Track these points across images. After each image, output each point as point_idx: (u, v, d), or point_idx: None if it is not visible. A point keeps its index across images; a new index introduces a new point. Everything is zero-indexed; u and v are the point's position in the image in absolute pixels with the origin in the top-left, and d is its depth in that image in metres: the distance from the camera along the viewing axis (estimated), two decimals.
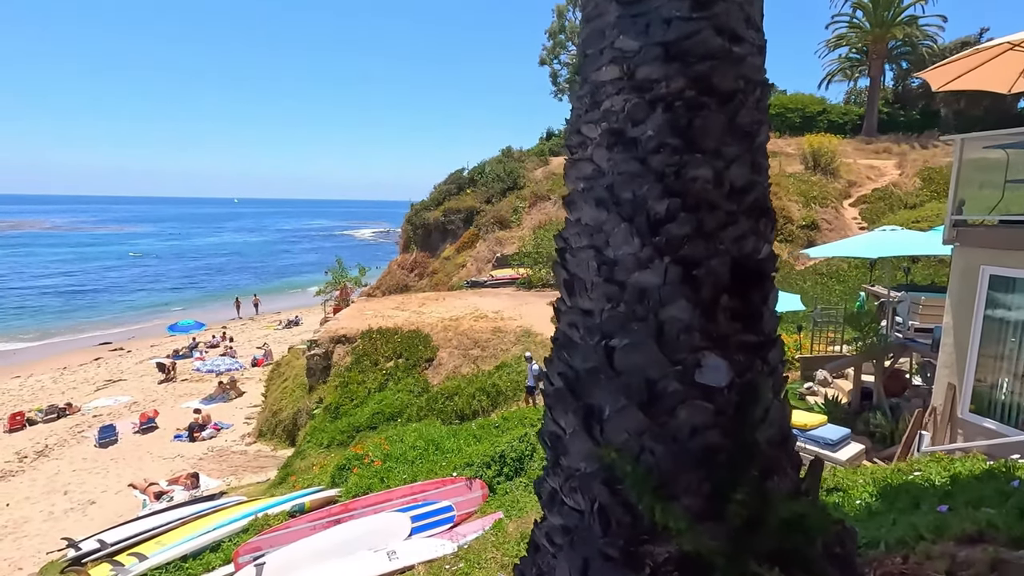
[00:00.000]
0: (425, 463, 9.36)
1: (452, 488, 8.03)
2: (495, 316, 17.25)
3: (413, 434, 10.49)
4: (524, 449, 8.88)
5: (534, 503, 7.71)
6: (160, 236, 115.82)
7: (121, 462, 16.88)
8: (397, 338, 16.28)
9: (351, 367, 15.83)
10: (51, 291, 52.06)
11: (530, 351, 13.99)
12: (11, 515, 13.96)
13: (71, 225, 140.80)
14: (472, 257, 27.20)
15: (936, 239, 7.90)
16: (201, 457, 16.72)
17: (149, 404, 21.88)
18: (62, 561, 9.98)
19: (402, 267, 30.32)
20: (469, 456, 9.16)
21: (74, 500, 14.63)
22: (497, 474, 8.49)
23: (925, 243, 9.37)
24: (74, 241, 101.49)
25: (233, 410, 21.00)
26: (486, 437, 10.26)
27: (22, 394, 24.35)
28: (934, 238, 8.67)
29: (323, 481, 9.99)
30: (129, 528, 10.11)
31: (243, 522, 7.92)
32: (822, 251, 14.23)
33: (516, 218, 27.84)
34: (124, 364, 29.05)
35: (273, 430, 17.54)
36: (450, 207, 30.31)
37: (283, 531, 7.21)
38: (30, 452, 17.97)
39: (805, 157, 28.51)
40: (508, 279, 23.52)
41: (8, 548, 12.44)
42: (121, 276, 61.71)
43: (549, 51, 45.42)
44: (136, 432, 19.01)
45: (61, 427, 20.04)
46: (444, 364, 15.30)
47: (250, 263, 77.00)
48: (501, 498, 8.18)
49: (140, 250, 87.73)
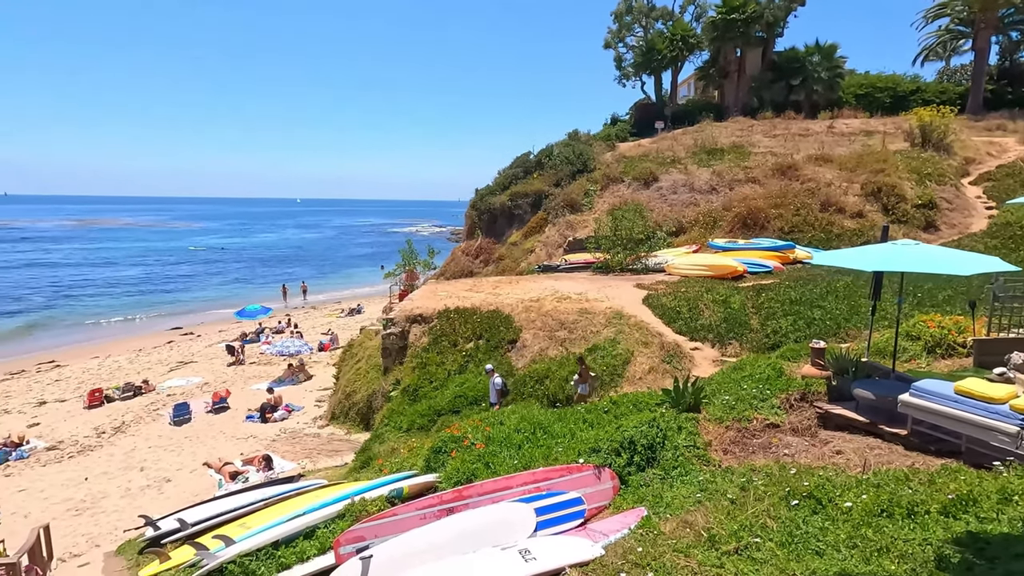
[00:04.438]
0: (533, 448, 8.12)
1: (578, 477, 6.73)
2: (579, 297, 15.86)
3: (514, 416, 9.28)
4: (655, 436, 7.49)
5: (680, 499, 6.31)
6: (226, 232, 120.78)
7: (195, 440, 16.55)
8: (476, 318, 15.15)
9: (429, 348, 14.82)
10: (126, 280, 54.49)
11: (491, 365, 12.73)
12: (89, 489, 13.71)
13: (146, 222, 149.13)
14: (541, 242, 25.88)
15: None
16: (274, 439, 16.16)
17: (220, 385, 21.74)
18: (140, 540, 9.34)
19: (467, 253, 29.36)
20: (584, 442, 7.85)
21: (150, 477, 14.28)
22: (627, 463, 7.13)
23: None
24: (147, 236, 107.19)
25: (303, 393, 20.53)
26: (597, 422, 8.93)
27: (100, 373, 24.85)
28: None
29: (416, 465, 8.92)
30: (208, 508, 9.38)
31: (337, 507, 6.90)
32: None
33: (588, 201, 26.33)
34: (194, 347, 29.42)
35: (346, 413, 16.80)
36: (517, 191, 29.10)
37: (387, 519, 6.11)
38: (108, 428, 17.97)
39: (911, 133, 25.68)
40: (583, 263, 22.07)
41: (86, 523, 12.06)
42: (191, 267, 64.17)
43: (614, 34, 43.47)
44: (209, 411, 18.77)
45: (137, 405, 20.09)
46: (529, 346, 14.04)
47: (309, 256, 78.82)
48: (636, 491, 6.83)
49: (207, 245, 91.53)
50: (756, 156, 26.01)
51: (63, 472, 14.81)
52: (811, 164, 23.72)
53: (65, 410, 19.96)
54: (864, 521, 4.22)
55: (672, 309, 14.48)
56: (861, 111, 33.12)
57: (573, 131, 33.44)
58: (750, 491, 5.67)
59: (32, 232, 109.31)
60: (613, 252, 20.48)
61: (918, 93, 34.58)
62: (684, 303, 14.62)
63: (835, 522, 4.41)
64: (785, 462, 6.54)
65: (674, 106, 39.94)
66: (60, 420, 18.90)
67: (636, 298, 15.67)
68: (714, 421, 8.04)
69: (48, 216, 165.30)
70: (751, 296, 14.73)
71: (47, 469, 15.09)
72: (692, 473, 6.93)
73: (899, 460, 6.24)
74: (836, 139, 27.43)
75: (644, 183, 25.63)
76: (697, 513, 5.44)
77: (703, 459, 7.26)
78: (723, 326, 13.59)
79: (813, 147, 25.87)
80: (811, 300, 13.63)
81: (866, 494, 4.69)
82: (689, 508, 5.88)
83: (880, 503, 4.40)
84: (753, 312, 14.15)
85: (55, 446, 16.62)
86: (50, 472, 14.88)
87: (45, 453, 16.13)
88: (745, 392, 8.47)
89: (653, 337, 13.23)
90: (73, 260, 67.61)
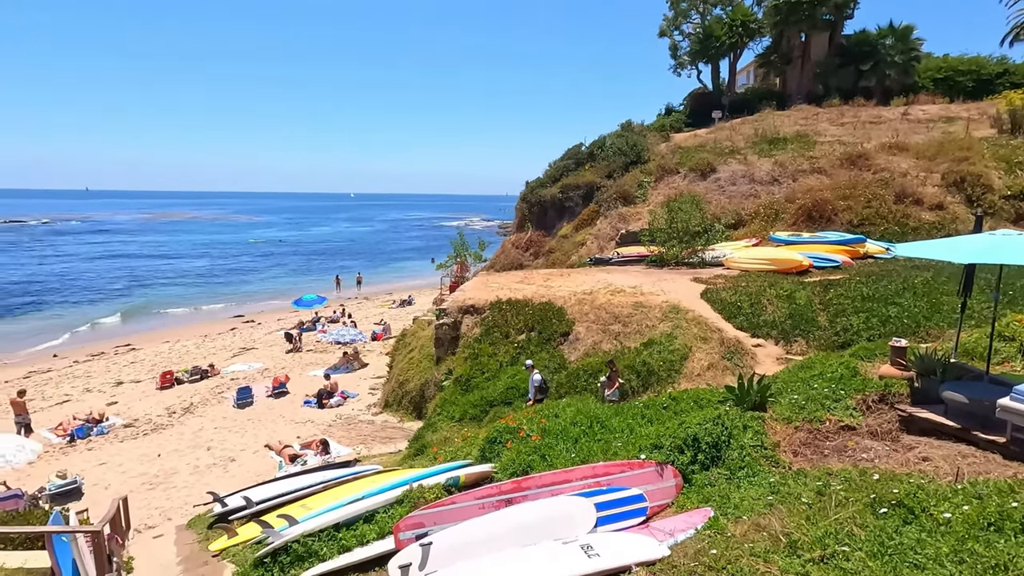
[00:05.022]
0: (591, 442, 7.94)
1: (639, 474, 6.52)
2: (633, 291, 15.50)
3: (570, 409, 9.12)
4: (720, 434, 7.17)
5: (749, 500, 6.01)
6: (283, 226, 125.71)
7: (257, 423, 17.26)
8: (528, 310, 15.06)
9: (481, 339, 14.84)
10: (193, 271, 57.59)
11: (531, 361, 12.75)
12: (162, 465, 14.50)
13: (210, 216, 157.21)
14: (592, 235, 25.49)
15: None
16: (330, 424, 16.64)
17: (279, 371, 22.58)
18: (208, 516, 9.76)
19: (516, 246, 29.28)
20: (644, 437, 7.61)
21: (216, 456, 14.97)
22: (691, 461, 6.86)
23: None
24: (211, 229, 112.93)
25: (357, 380, 21.07)
26: (657, 418, 8.66)
27: (171, 357, 26.31)
28: None
29: (470, 455, 8.92)
30: (271, 488, 9.70)
31: (395, 493, 6.95)
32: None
33: (641, 193, 25.72)
34: (255, 334, 30.71)
35: (399, 401, 17.10)
36: (568, 183, 28.75)
37: (446, 507, 6.09)
38: (178, 408, 18.99)
39: (998, 119, 23.72)
40: (636, 256, 21.60)
41: (159, 497, 12.76)
42: (251, 259, 67.15)
43: (669, 21, 42.21)
44: (269, 396, 19.53)
45: (204, 387, 21.14)
46: (582, 339, 13.84)
47: (361, 249, 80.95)
48: (700, 490, 6.56)
49: (265, 237, 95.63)
50: (822, 145, 24.70)
51: (138, 448, 15.75)
52: (884, 153, 22.30)
53: (140, 390, 21.23)
54: (969, 535, 3.84)
55: (732, 304, 13.92)
56: (940, 96, 30.91)
57: (626, 122, 32.75)
58: (828, 496, 5.33)
59: (110, 225, 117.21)
60: (668, 245, 19.92)
61: (1005, 76, 31.93)
62: (745, 298, 14.04)
63: (933, 534, 4.05)
64: (865, 467, 6.13)
65: (732, 95, 38.48)
66: (135, 399, 20.12)
67: (693, 292, 15.18)
68: (782, 421, 7.65)
69: (123, 210, 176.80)
70: (818, 292, 13.98)
71: (124, 445, 16.08)
72: (760, 474, 6.61)
73: (997, 470, 5.72)
74: (912, 126, 25.68)
75: (701, 174, 24.80)
76: (771, 516, 5.15)
77: (771, 460, 6.91)
78: (788, 322, 12.95)
79: (886, 135, 24.31)
80: (886, 297, 12.79)
81: (967, 505, 4.28)
82: (760, 511, 5.58)
83: (987, 516, 4.01)
84: (820, 308, 13.43)
85: (131, 423, 17.71)
86: (127, 447, 15.85)
87: (122, 430, 17.19)
88: (816, 392, 8.02)
89: (712, 332, 12.77)
90: (146, 252, 71.98)
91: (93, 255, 66.64)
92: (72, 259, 63.40)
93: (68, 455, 15.43)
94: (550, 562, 5.08)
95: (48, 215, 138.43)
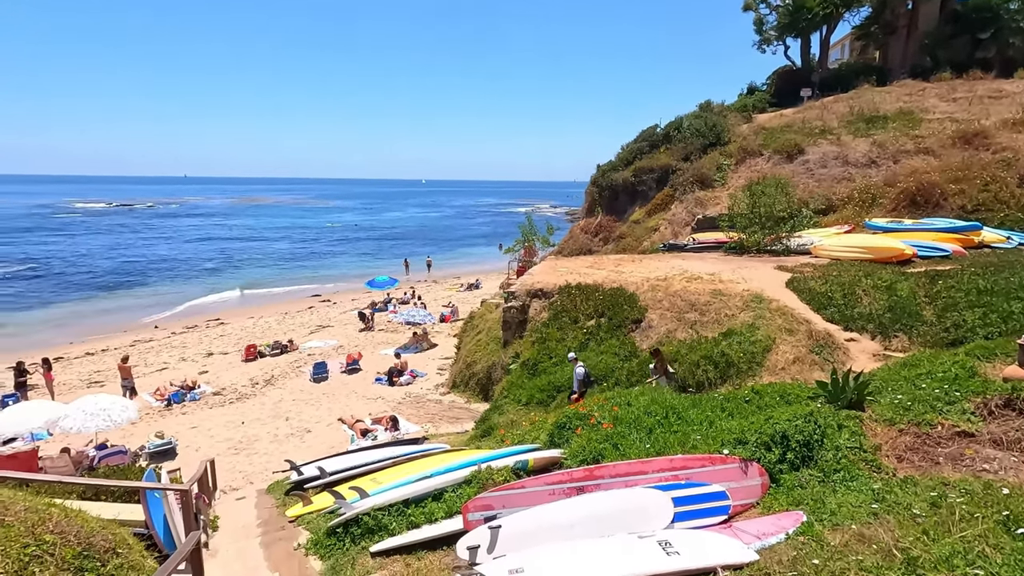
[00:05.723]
0: (666, 433, 7.54)
1: (721, 469, 6.08)
2: (711, 278, 14.70)
3: (643, 398, 8.73)
4: (812, 432, 6.57)
5: (848, 507, 5.44)
6: (358, 211, 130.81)
7: (331, 397, 17.98)
8: (599, 295, 14.64)
9: (549, 323, 14.61)
10: (275, 252, 61.09)
11: (574, 354, 12.43)
12: (245, 432, 15.40)
13: (291, 200, 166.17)
14: (666, 220, 24.50)
15: None
16: (400, 401, 17.05)
17: (352, 348, 23.44)
18: (285, 482, 10.19)
19: (585, 231, 28.69)
20: (726, 431, 7.11)
21: (294, 426, 15.72)
22: (779, 459, 6.32)
23: None
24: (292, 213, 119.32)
25: (426, 360, 21.50)
26: (738, 412, 8.10)
27: (255, 331, 27.96)
28: None
29: (538, 439, 8.75)
30: (343, 460, 9.98)
31: (463, 472, 6.89)
32: None
33: (720, 176, 24.39)
34: (331, 313, 32.07)
35: (466, 382, 17.25)
36: (641, 166, 27.74)
37: (515, 491, 5.95)
38: (260, 380, 20.12)
39: None
40: (713, 243, 20.54)
41: (243, 462, 13.55)
42: (328, 242, 70.30)
43: None
44: (343, 372, 20.30)
45: (283, 361, 22.29)
46: (655, 327, 13.28)
47: (431, 234, 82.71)
48: (789, 492, 6.03)
49: (342, 221, 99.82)
50: (929, 123, 22.35)
51: (225, 415, 16.82)
52: (1006, 131, 19.86)
53: (227, 361, 22.70)
54: None
55: (822, 294, 12.88)
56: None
57: (705, 102, 31.10)
58: (946, 509, 4.71)
59: (204, 208, 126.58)
60: (749, 231, 18.77)
61: None
62: (837, 288, 12.94)
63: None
64: (990, 480, 5.39)
65: (824, 71, 35.62)
66: (223, 369, 21.53)
67: (778, 281, 14.19)
68: (882, 422, 6.93)
69: (216, 195, 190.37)
70: (924, 283, 12.65)
71: (213, 411, 17.22)
72: (859, 479, 6.00)
73: None
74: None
75: (787, 156, 23.16)
76: (878, 527, 4.61)
77: (872, 464, 6.26)
78: (887, 316, 11.81)
79: (1009, 111, 21.62)
80: (1007, 291, 11.35)
81: None
82: (863, 519, 5.03)
83: None
84: (926, 302, 12.15)
85: (219, 392, 18.95)
86: (215, 414, 16.97)
87: (212, 397, 18.44)
88: (924, 392, 7.20)
89: (799, 324, 11.86)
90: (235, 234, 76.99)
91: (190, 237, 72.07)
92: (172, 240, 68.95)
93: (165, 418, 16.73)
94: (624, 555, 4.80)
95: (152, 199, 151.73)
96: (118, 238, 69.26)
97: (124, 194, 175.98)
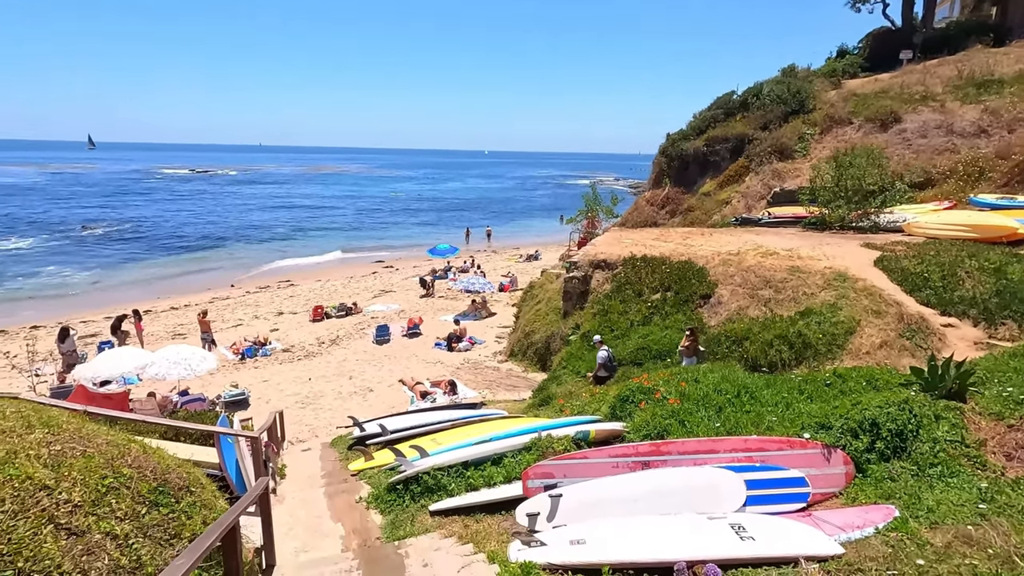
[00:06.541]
0: (738, 413, 7.12)
1: (800, 454, 5.65)
2: (788, 254, 13.75)
3: (712, 375, 8.29)
4: (906, 421, 5.99)
5: (949, 505, 4.92)
6: (422, 180, 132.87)
7: (392, 359, 18.43)
8: (665, 268, 14.05)
9: (611, 295, 14.20)
10: (341, 218, 63.16)
11: (599, 336, 12.32)
12: (312, 388, 16.05)
13: (357, 169, 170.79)
14: (740, 192, 23.15)
15: None
16: (458, 367, 17.24)
17: (413, 313, 23.90)
18: (348, 437, 10.51)
19: (651, 203, 27.64)
20: (806, 415, 6.62)
21: (356, 385, 16.24)
22: (867, 448, 5.81)
23: None
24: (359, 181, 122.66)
25: (485, 328, 21.62)
26: (818, 395, 7.54)
27: (322, 293, 29.05)
28: None
29: (599, 411, 8.53)
30: (404, 419, 10.17)
31: (523, 439, 6.80)
32: None
33: (802, 147, 22.68)
34: (394, 279, 32.81)
35: (524, 351, 17.19)
36: (715, 135, 26.20)
37: (577, 461, 5.79)
38: (326, 339, 20.90)
39: None
40: (791, 217, 19.23)
41: (309, 416, 14.14)
42: (392, 212, 71.86)
43: None
44: (404, 335, 20.75)
45: (348, 323, 23.05)
46: (725, 303, 12.61)
47: (492, 204, 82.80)
48: (878, 484, 5.55)
49: (405, 191, 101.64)
50: None
51: (293, 371, 17.60)
52: None
53: (296, 321, 23.73)
54: None
55: (917, 275, 11.75)
56: None
57: (788, 66, 28.83)
58: None
59: (277, 176, 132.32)
60: (833, 205, 17.40)
61: None
62: (935, 268, 11.76)
63: None
64: None
65: (928, 31, 32.13)
66: (292, 328, 22.52)
67: (865, 259, 13.08)
68: (988, 416, 6.23)
69: (287, 163, 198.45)
70: None
71: (282, 367, 18.07)
72: (961, 475, 5.43)
73: None
74: None
75: (881, 125, 21.20)
76: (988, 530, 4.11)
77: (976, 461, 5.65)
78: (994, 301, 10.63)
79: None
80: None
81: None
82: (968, 520, 4.53)
83: None
84: None
85: (288, 349, 19.84)
86: (284, 369, 17.80)
87: (281, 354, 19.33)
88: None
89: (888, 306, 10.89)
90: (304, 203, 79.98)
91: (264, 205, 75.54)
92: (248, 207, 72.55)
93: (239, 370, 17.71)
94: (692, 535, 4.54)
95: (231, 166, 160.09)
96: (199, 203, 73.65)
97: (205, 161, 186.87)
